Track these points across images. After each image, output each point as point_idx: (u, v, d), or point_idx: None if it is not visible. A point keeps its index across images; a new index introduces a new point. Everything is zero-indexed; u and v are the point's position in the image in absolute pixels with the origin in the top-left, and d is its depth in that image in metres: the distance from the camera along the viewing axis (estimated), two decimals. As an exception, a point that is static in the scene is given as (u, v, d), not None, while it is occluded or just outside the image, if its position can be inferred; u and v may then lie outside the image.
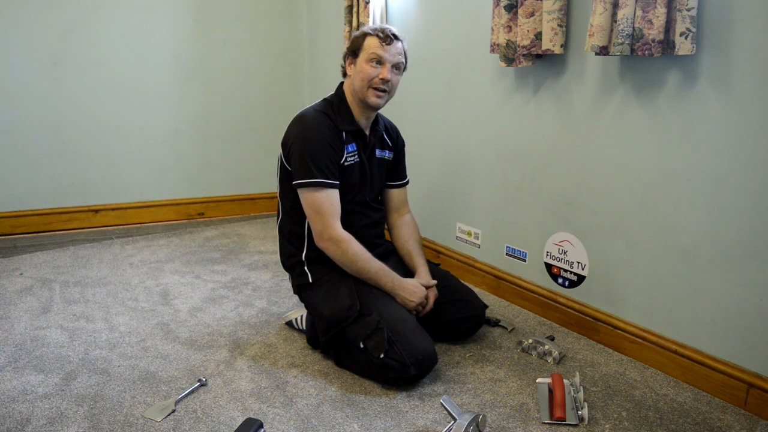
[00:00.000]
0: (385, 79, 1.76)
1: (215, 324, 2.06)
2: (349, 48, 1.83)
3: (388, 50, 1.76)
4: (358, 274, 1.77)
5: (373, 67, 1.76)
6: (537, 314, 2.20)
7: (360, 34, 1.81)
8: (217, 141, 3.47)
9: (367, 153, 1.88)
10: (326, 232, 1.75)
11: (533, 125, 2.14)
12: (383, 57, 1.76)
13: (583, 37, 1.88)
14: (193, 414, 1.52)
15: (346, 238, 1.76)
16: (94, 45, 3.04)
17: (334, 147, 1.77)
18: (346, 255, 1.75)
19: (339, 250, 1.75)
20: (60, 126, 3.04)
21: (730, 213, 1.58)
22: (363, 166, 1.86)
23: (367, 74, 1.76)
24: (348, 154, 1.82)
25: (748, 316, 1.57)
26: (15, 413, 1.50)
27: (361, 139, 1.86)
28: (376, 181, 1.93)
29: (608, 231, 1.92)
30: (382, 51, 1.76)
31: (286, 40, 3.59)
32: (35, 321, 2.04)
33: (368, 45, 1.76)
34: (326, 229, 1.75)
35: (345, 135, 1.81)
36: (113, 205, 3.23)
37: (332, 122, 1.79)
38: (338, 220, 1.77)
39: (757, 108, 1.49)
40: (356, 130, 1.84)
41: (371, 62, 1.76)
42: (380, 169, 1.95)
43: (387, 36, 1.76)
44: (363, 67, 1.77)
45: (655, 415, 1.56)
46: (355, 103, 1.83)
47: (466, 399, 1.62)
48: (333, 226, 1.75)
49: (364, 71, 1.76)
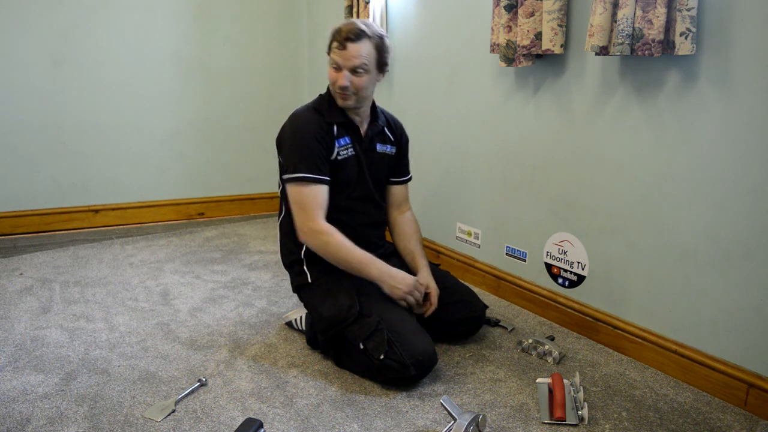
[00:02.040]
0: (342, 86, 1.71)
1: (215, 324, 2.06)
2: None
3: (342, 55, 1.69)
4: (342, 265, 1.74)
5: (335, 70, 1.73)
6: (537, 314, 2.20)
7: (331, 34, 1.74)
8: (217, 141, 3.47)
9: (364, 146, 1.86)
10: (306, 224, 1.73)
11: (533, 125, 2.14)
12: (339, 63, 1.71)
13: (583, 37, 1.88)
14: (193, 414, 1.52)
15: (326, 229, 1.72)
16: (94, 45, 3.04)
17: (321, 142, 1.75)
18: (327, 246, 1.72)
19: (319, 241, 1.73)
20: (60, 126, 3.04)
21: (730, 213, 1.58)
22: (359, 159, 1.85)
23: (332, 79, 1.75)
24: (340, 148, 1.80)
25: (748, 316, 1.57)
26: (15, 413, 1.50)
27: (354, 132, 1.84)
28: (377, 176, 1.92)
29: (608, 231, 1.92)
30: (338, 57, 1.70)
31: (286, 40, 3.59)
32: (35, 321, 2.04)
33: (331, 50, 1.72)
34: (307, 221, 1.73)
35: (336, 129, 1.80)
36: (113, 205, 3.23)
37: (322, 117, 1.78)
38: (322, 214, 1.73)
39: (757, 108, 1.49)
40: (347, 122, 1.82)
41: (332, 67, 1.73)
42: (382, 164, 1.93)
43: (343, 39, 1.68)
44: (330, 71, 1.75)
45: (655, 415, 1.56)
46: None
47: (466, 399, 1.62)
48: (314, 218, 1.72)
49: (329, 75, 1.75)
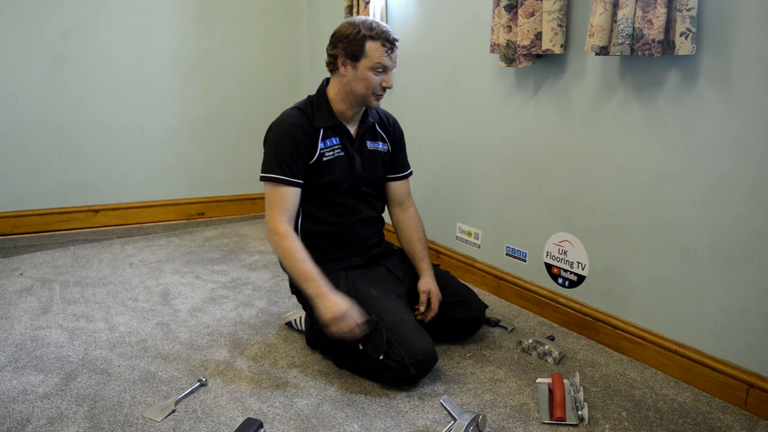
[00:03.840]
0: (389, 86, 1.74)
1: (215, 324, 2.06)
2: (345, 48, 1.71)
3: (392, 57, 1.72)
4: (288, 272, 1.76)
5: (377, 74, 1.72)
6: (537, 314, 2.19)
7: (356, 34, 1.69)
8: (217, 141, 3.46)
9: (356, 145, 1.85)
10: (270, 224, 1.74)
11: (533, 125, 2.14)
12: (387, 65, 1.71)
13: (583, 37, 1.88)
14: (193, 414, 1.52)
15: (284, 232, 1.72)
16: (94, 45, 3.04)
17: (300, 145, 1.75)
18: (279, 248, 1.73)
19: (274, 242, 1.74)
20: (60, 126, 3.03)
21: (730, 213, 1.58)
22: (351, 158, 1.83)
23: (372, 83, 1.72)
24: (325, 149, 1.79)
25: (748, 316, 1.57)
26: (15, 413, 1.50)
27: (344, 133, 1.83)
28: (370, 174, 1.89)
29: (608, 231, 1.92)
30: (387, 60, 1.70)
31: (286, 40, 3.59)
32: (35, 321, 2.04)
33: (371, 52, 1.68)
34: (270, 221, 1.74)
35: (323, 131, 1.80)
36: (113, 205, 3.23)
37: (308, 119, 1.78)
38: (285, 216, 1.74)
39: (757, 108, 1.49)
40: (335, 126, 1.81)
41: (375, 70, 1.71)
42: (374, 161, 1.90)
43: (392, 43, 1.70)
44: (366, 74, 1.71)
45: (655, 415, 1.56)
46: (340, 101, 1.80)
47: (466, 399, 1.62)
48: (278, 219, 1.73)
49: (368, 80, 1.71)
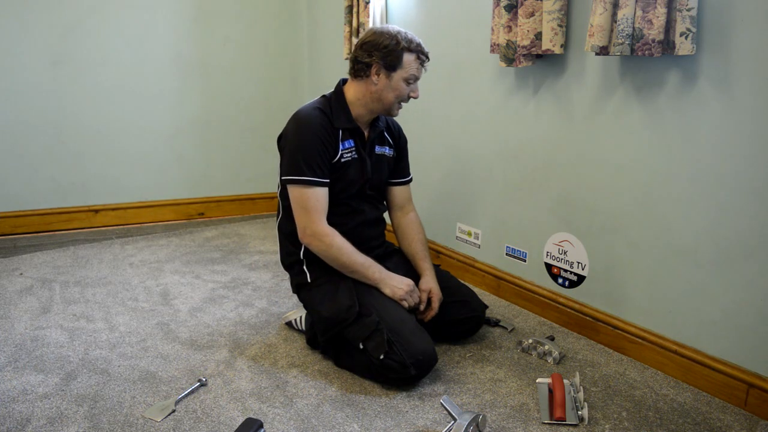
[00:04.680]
0: (416, 97, 1.82)
1: (215, 324, 2.06)
2: (382, 57, 1.72)
3: (424, 69, 1.81)
4: (343, 268, 1.76)
5: (408, 85, 1.79)
6: (537, 314, 2.19)
7: (396, 45, 1.73)
8: (217, 141, 3.47)
9: (367, 150, 1.87)
10: (309, 228, 1.74)
11: (533, 125, 2.14)
12: (418, 76, 1.80)
13: (583, 37, 1.88)
14: (193, 414, 1.52)
15: (329, 232, 1.75)
16: (94, 45, 3.04)
17: (326, 145, 1.76)
18: (330, 249, 1.74)
19: (323, 244, 1.74)
20: (60, 126, 3.04)
21: (730, 213, 1.58)
22: (363, 161, 1.86)
23: (403, 93, 1.79)
24: (344, 150, 1.81)
25: (748, 316, 1.57)
26: (15, 413, 1.50)
27: (359, 136, 1.85)
28: (377, 177, 1.92)
29: (608, 231, 1.92)
30: (419, 71, 1.79)
31: (286, 40, 3.59)
32: (35, 321, 2.04)
33: (408, 63, 1.75)
34: (310, 224, 1.74)
35: (341, 132, 1.81)
36: (113, 205, 3.23)
37: (329, 120, 1.79)
38: (324, 217, 1.76)
39: (757, 108, 1.49)
40: (353, 128, 1.83)
41: (407, 81, 1.78)
42: (380, 165, 1.93)
43: (426, 56, 1.79)
44: (399, 85, 1.77)
45: (655, 415, 1.56)
46: (362, 105, 1.81)
47: (466, 399, 1.62)
48: (317, 221, 1.74)
49: (400, 89, 1.78)
